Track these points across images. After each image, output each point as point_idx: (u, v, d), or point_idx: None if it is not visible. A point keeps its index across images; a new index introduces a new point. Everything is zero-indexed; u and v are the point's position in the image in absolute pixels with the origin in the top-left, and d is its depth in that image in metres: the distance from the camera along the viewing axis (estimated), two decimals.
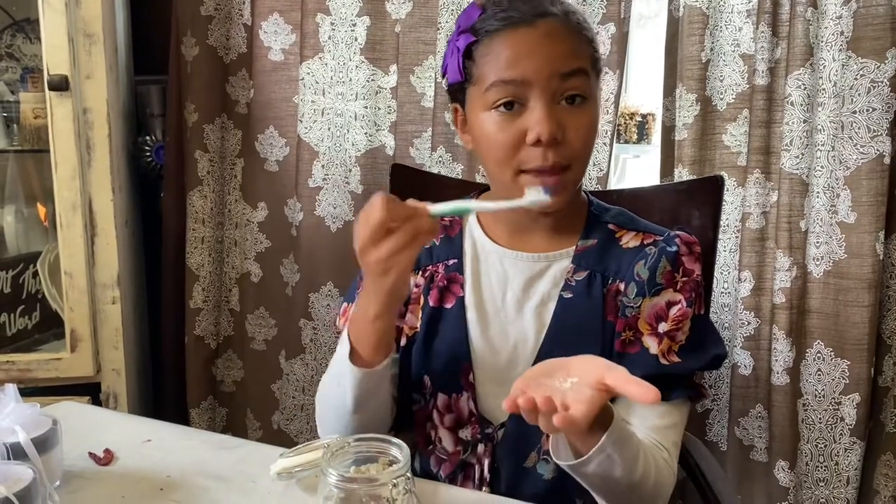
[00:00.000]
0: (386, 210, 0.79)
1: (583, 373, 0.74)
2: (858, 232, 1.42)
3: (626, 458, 0.83)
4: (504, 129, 0.90)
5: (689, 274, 0.95)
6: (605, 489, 0.86)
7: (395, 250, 0.80)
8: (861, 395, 1.46)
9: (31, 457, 0.75)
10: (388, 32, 1.66)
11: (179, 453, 0.90)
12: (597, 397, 0.71)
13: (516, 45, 0.90)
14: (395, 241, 0.80)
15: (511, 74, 0.89)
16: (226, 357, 1.87)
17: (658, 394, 0.69)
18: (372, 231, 0.80)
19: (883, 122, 1.39)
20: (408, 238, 0.80)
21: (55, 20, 1.45)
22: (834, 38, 1.39)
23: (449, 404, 0.99)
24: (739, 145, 1.52)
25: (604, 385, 0.72)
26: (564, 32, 0.91)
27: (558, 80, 0.89)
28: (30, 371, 1.56)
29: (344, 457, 0.74)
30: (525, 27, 0.90)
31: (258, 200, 1.79)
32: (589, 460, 0.80)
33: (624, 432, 0.84)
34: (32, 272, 1.66)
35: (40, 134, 1.59)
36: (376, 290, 0.85)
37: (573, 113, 0.90)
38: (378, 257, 0.81)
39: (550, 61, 0.88)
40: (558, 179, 0.90)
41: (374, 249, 0.81)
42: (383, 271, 0.82)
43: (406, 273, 0.84)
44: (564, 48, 0.90)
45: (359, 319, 0.90)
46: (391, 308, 0.88)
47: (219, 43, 1.74)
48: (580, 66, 0.90)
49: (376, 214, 0.79)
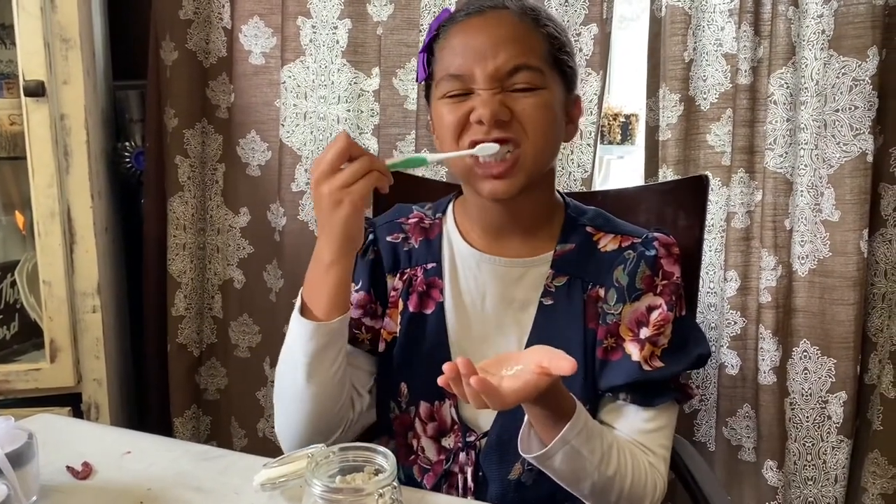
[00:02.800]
0: (344, 144, 0.82)
1: (527, 360, 0.77)
2: (843, 230, 1.43)
3: (595, 451, 0.84)
4: (452, 111, 0.91)
5: (668, 277, 0.94)
6: (578, 485, 0.87)
7: (351, 180, 0.82)
8: (847, 394, 1.47)
9: (5, 472, 0.73)
10: (369, 35, 1.65)
11: (160, 465, 0.88)
12: (532, 380, 0.75)
13: (465, 37, 0.91)
14: (350, 170, 0.82)
15: (457, 69, 0.90)
16: (209, 365, 1.85)
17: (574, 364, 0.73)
18: (332, 158, 0.83)
19: (865, 120, 1.39)
20: (363, 168, 0.82)
21: (30, 25, 1.43)
22: (815, 36, 1.39)
23: (431, 412, 0.98)
24: (723, 145, 1.52)
25: (541, 368, 0.75)
26: (516, 25, 0.90)
27: (505, 75, 0.89)
28: (8, 382, 1.53)
29: (329, 466, 0.73)
30: (476, 17, 0.91)
31: (240, 206, 1.77)
32: (553, 451, 0.82)
33: (591, 426, 0.85)
34: (10, 281, 1.63)
35: (16, 141, 1.55)
36: (330, 228, 0.85)
37: (522, 96, 0.89)
38: (332, 187, 0.82)
39: (497, 55, 0.88)
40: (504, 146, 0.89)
41: (329, 179, 0.83)
42: (336, 202, 0.83)
43: (360, 210, 0.84)
44: (513, 42, 0.89)
45: (312, 271, 0.90)
46: (346, 253, 0.88)
47: (198, 47, 1.72)
48: (528, 62, 0.89)
49: (338, 143, 0.82)
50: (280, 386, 0.96)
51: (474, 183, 0.92)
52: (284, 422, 0.96)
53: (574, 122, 0.98)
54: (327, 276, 0.88)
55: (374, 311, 1.02)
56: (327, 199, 0.83)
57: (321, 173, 0.83)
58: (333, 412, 0.94)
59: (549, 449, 0.81)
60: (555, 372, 0.74)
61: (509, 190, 0.91)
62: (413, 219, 1.05)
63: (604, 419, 0.95)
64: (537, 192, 0.96)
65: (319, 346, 0.89)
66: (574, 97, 0.97)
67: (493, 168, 0.89)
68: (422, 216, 1.05)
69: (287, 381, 0.93)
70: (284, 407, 0.95)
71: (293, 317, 0.92)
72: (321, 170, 0.83)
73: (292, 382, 0.92)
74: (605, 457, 0.85)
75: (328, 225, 0.85)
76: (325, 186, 0.83)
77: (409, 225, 1.05)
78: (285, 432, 0.96)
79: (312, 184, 0.85)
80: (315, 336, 0.89)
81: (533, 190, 0.94)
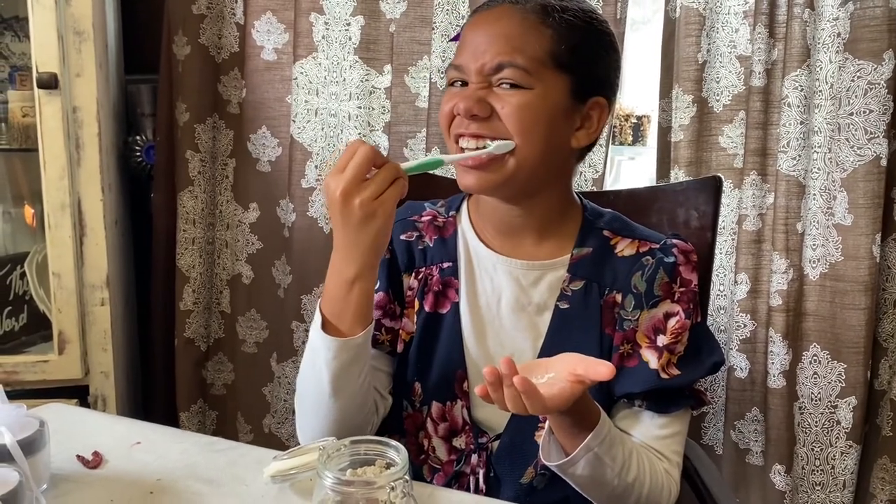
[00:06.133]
0: (369, 152, 0.79)
1: (559, 369, 0.76)
2: (855, 234, 1.42)
3: (617, 459, 0.83)
4: (447, 102, 0.92)
5: (686, 284, 0.93)
6: (597, 492, 0.86)
7: (382, 188, 0.79)
8: (857, 399, 1.46)
9: (17, 459, 0.73)
10: (382, 32, 1.65)
11: (170, 456, 0.88)
12: (568, 388, 0.74)
13: (470, 30, 0.92)
14: (380, 179, 0.79)
15: (457, 60, 0.91)
16: (216, 360, 1.85)
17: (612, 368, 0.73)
18: (358, 168, 0.79)
19: (880, 124, 1.38)
20: (392, 176, 0.80)
21: (45, 17, 1.43)
22: (831, 39, 1.38)
23: (443, 413, 0.97)
24: (736, 147, 1.52)
25: (575, 376, 0.74)
26: (516, 21, 0.89)
27: (491, 71, 0.88)
28: (16, 373, 1.53)
29: (340, 459, 0.72)
30: (484, 11, 0.92)
31: (250, 201, 1.77)
32: (576, 458, 0.81)
33: (613, 434, 0.84)
34: (20, 273, 1.63)
35: (28, 133, 1.56)
36: (359, 243, 0.82)
37: (506, 94, 0.88)
38: (363, 198, 0.79)
39: (485, 51, 0.88)
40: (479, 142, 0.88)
41: (360, 191, 0.79)
42: (369, 214, 0.80)
43: (391, 221, 0.82)
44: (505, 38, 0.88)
45: (334, 288, 0.86)
46: (373, 266, 0.85)
47: (211, 42, 1.72)
48: (509, 61, 0.86)
49: (363, 151, 0.79)
50: (302, 395, 0.93)
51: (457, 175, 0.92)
52: (308, 428, 0.94)
53: (585, 128, 0.92)
54: (352, 292, 0.84)
55: (392, 312, 0.99)
56: (359, 211, 0.79)
57: (349, 184, 0.78)
58: (359, 420, 0.93)
59: (573, 456, 0.81)
60: (593, 378, 0.73)
61: (480, 184, 0.89)
62: (426, 216, 1.03)
63: (618, 425, 0.94)
64: (548, 194, 0.94)
65: (345, 362, 0.86)
66: (593, 101, 0.92)
67: (469, 160, 0.88)
68: (435, 214, 1.03)
69: (311, 393, 0.91)
70: (307, 415, 0.93)
71: (314, 331, 0.87)
72: (347, 180, 0.78)
73: (317, 396, 0.89)
74: (625, 464, 0.84)
75: (357, 238, 0.81)
76: (357, 198, 0.78)
77: (422, 223, 1.03)
78: (308, 437, 0.94)
79: (338, 197, 0.79)
80: (340, 353, 0.86)
81: (541, 191, 0.93)
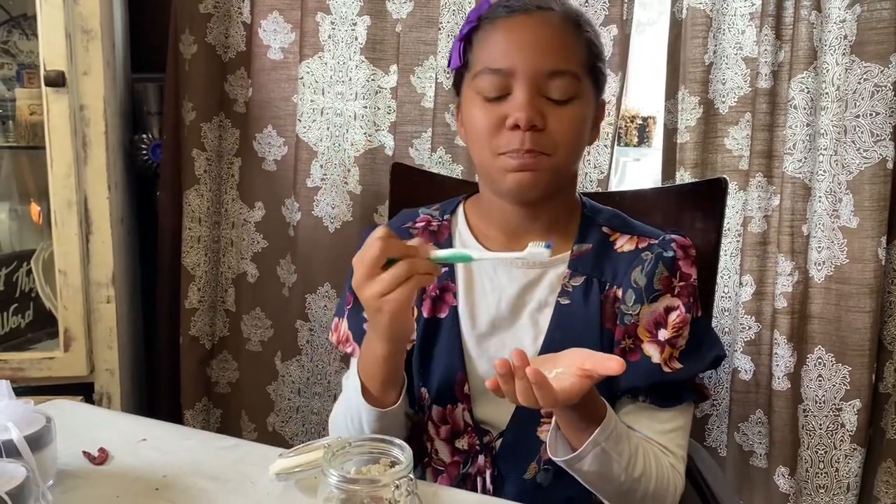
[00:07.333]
0: (381, 247, 0.78)
1: (567, 364, 0.77)
2: (860, 237, 1.42)
3: (624, 453, 0.84)
4: (487, 112, 0.90)
5: (686, 278, 0.94)
6: (605, 487, 0.86)
7: (388, 288, 0.78)
8: (862, 402, 1.46)
9: (24, 455, 0.73)
10: (388, 32, 1.65)
11: (176, 453, 0.89)
12: (577, 383, 0.75)
13: (509, 34, 0.90)
14: (388, 279, 0.78)
15: (499, 63, 0.89)
16: (221, 358, 1.85)
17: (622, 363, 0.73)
18: (366, 267, 0.78)
19: (886, 127, 1.38)
20: (401, 276, 0.78)
21: (53, 15, 1.44)
22: (837, 41, 1.38)
23: (444, 416, 0.98)
24: (741, 149, 1.52)
25: (583, 371, 0.75)
26: (560, 29, 0.90)
27: (544, 77, 0.88)
28: (22, 370, 1.54)
29: (345, 457, 0.73)
30: (522, 16, 0.90)
31: (255, 200, 1.77)
32: (584, 453, 0.82)
33: (620, 429, 0.85)
34: (26, 270, 1.64)
35: (36, 131, 1.57)
36: (376, 329, 0.84)
37: (557, 106, 0.89)
38: (370, 294, 0.79)
39: (538, 56, 0.88)
40: (534, 163, 0.88)
41: (369, 285, 0.79)
42: (376, 310, 0.80)
43: (402, 313, 0.81)
44: (556, 45, 0.89)
45: (367, 357, 0.88)
46: (398, 349, 0.86)
47: (217, 41, 1.73)
48: (567, 68, 0.88)
49: (371, 251, 0.78)
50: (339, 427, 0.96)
51: (497, 177, 0.91)
52: None
53: (597, 127, 0.98)
54: (383, 367, 0.87)
55: None
56: (366, 305, 0.81)
57: (361, 276, 0.79)
58: None
59: (580, 451, 0.81)
60: (603, 372, 0.74)
61: (531, 189, 0.90)
62: (420, 222, 1.04)
63: (622, 420, 0.94)
64: (559, 195, 0.96)
65: (384, 426, 0.90)
66: (601, 102, 0.97)
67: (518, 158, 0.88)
68: (429, 219, 1.05)
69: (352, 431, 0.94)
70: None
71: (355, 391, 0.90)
72: (360, 272, 0.79)
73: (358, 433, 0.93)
74: (632, 459, 0.85)
75: (374, 327, 0.84)
76: (366, 291, 0.79)
77: (416, 229, 1.04)
78: None
79: (355, 285, 0.81)
80: (380, 420, 0.90)
81: (558, 193, 0.95)
